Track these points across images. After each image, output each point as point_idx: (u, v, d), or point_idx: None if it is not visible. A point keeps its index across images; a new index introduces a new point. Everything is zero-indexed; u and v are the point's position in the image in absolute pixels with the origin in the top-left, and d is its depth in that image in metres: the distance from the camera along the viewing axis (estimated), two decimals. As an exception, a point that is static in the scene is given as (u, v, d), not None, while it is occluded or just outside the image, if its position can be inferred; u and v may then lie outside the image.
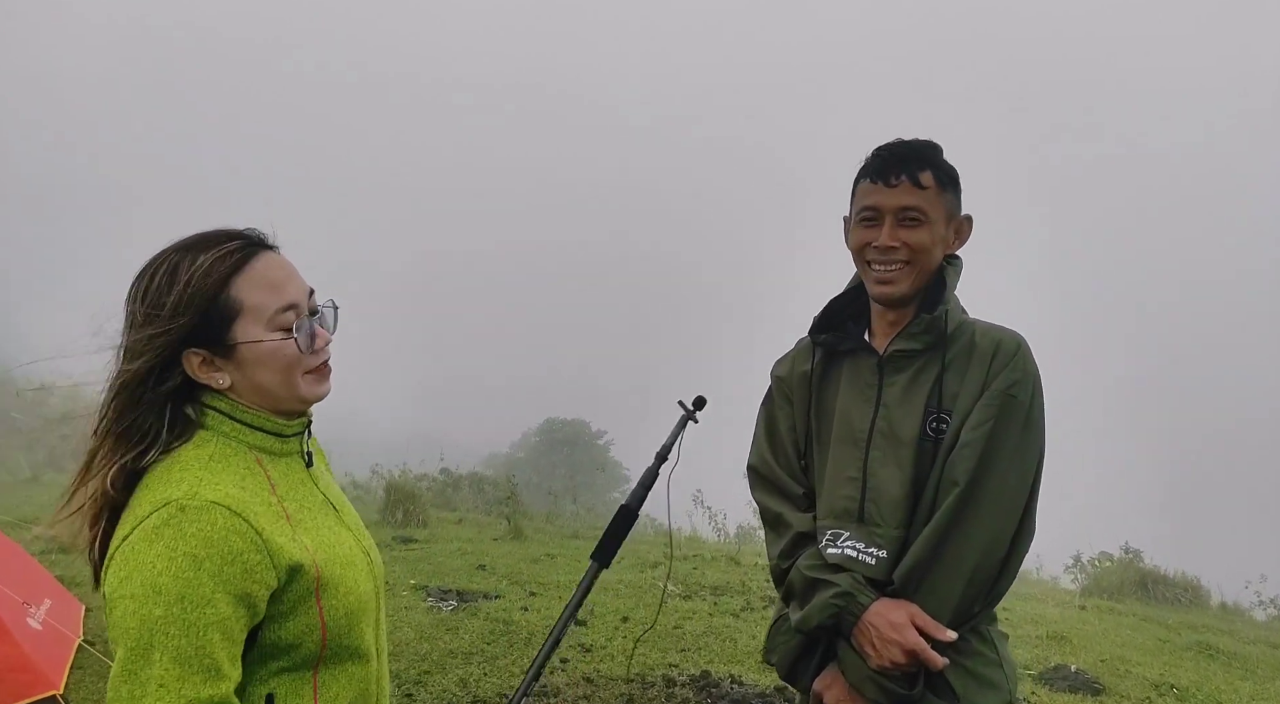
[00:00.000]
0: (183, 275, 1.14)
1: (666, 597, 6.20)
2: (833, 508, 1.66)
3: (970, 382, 1.60)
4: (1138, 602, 8.36)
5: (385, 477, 11.66)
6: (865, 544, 1.61)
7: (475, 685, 4.14)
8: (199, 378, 1.17)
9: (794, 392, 1.80)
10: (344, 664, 1.23)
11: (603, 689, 4.19)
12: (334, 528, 1.27)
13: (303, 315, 1.21)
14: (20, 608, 3.78)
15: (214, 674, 1.05)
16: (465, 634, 4.94)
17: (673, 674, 4.42)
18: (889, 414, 1.64)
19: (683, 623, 5.45)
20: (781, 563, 1.69)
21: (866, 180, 1.67)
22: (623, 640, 4.98)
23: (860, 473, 1.64)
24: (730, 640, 5.11)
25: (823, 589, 1.58)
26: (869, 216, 1.65)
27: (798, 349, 1.86)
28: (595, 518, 13.02)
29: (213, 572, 1.06)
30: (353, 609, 1.22)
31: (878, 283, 1.66)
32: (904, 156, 1.63)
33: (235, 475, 1.16)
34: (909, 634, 1.49)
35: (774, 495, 1.78)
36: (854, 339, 1.73)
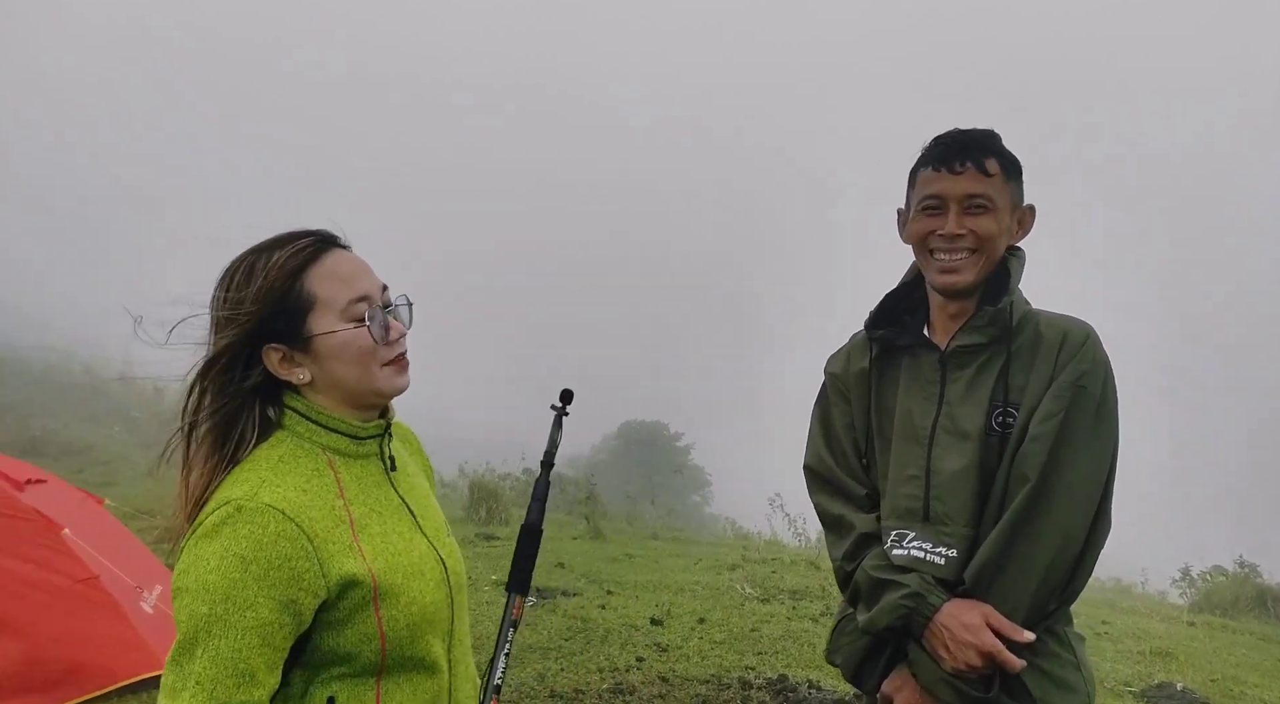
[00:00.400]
0: (259, 272, 1.17)
1: (744, 600, 6.15)
2: (896, 507, 1.62)
3: (1037, 374, 1.55)
4: (1255, 620, 7.80)
5: (470, 475, 11.98)
6: (933, 544, 1.57)
7: (552, 680, 4.21)
8: (279, 374, 1.19)
9: (851, 389, 1.75)
10: (409, 674, 1.21)
11: (678, 689, 4.19)
12: (405, 534, 1.25)
13: (375, 307, 1.22)
14: (134, 592, 4.07)
15: (248, 680, 1.06)
16: (543, 630, 5.03)
17: (749, 677, 4.38)
18: (952, 410, 1.60)
19: (760, 626, 5.40)
20: (845, 565, 1.66)
21: (928, 168, 1.62)
22: (699, 641, 4.97)
23: (923, 471, 1.60)
24: (809, 645, 5.03)
25: (891, 590, 1.55)
26: (932, 205, 1.60)
27: (852, 344, 1.81)
28: (674, 520, 13.05)
29: (258, 575, 1.07)
30: (415, 620, 1.19)
31: (942, 272, 1.60)
32: (968, 143, 1.59)
33: (301, 478, 1.16)
34: (985, 636, 1.45)
35: (834, 496, 1.74)
36: (912, 334, 1.68)
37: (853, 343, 1.82)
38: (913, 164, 1.68)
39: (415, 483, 1.36)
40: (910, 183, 1.69)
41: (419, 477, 1.39)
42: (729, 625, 5.36)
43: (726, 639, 5.06)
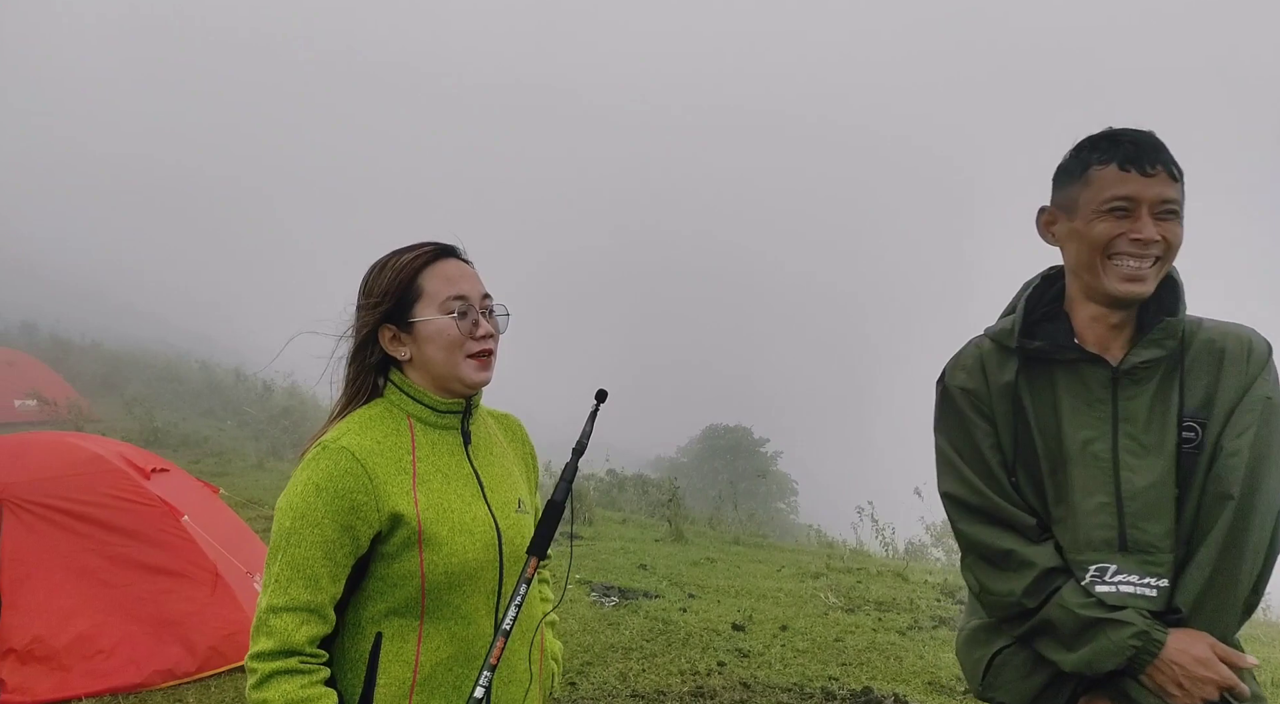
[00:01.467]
0: (388, 269, 1.44)
1: (828, 609, 6.05)
2: (1087, 539, 1.51)
3: (1226, 386, 1.48)
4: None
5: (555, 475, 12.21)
6: (1139, 576, 1.48)
7: (634, 680, 4.26)
8: (388, 349, 1.44)
9: (994, 406, 1.60)
10: (447, 622, 1.38)
11: (759, 695, 4.17)
12: (466, 498, 1.43)
13: (470, 306, 1.44)
14: (245, 577, 4.34)
15: (314, 584, 1.29)
16: (625, 630, 5.08)
17: (832, 687, 4.32)
18: (1134, 430, 1.50)
19: (844, 636, 5.30)
20: (1027, 602, 1.53)
21: (1109, 166, 1.49)
22: (781, 649, 4.93)
23: (1113, 497, 1.49)
24: (895, 659, 4.91)
25: (1109, 629, 1.45)
26: (1123, 207, 1.47)
27: (982, 354, 1.65)
28: (756, 525, 12.92)
29: (327, 501, 1.31)
30: (455, 571, 1.37)
31: (1126, 280, 1.49)
32: (1154, 144, 1.48)
33: (380, 432, 1.40)
34: (1220, 669, 1.40)
35: (993, 526, 1.58)
36: (1075, 348, 1.56)
37: (981, 352, 1.65)
38: (1067, 161, 1.57)
39: (497, 461, 1.54)
40: (1072, 181, 1.55)
41: (507, 458, 1.58)
42: (812, 634, 5.29)
43: (809, 648, 5.00)
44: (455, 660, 1.38)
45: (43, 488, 4.05)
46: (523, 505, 1.54)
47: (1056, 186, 1.60)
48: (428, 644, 1.36)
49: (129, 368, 20.87)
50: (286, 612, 1.27)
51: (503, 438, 1.61)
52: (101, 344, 22.81)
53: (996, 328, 1.65)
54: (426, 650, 1.36)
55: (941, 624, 5.86)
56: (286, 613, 1.27)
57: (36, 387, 13.99)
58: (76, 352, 21.33)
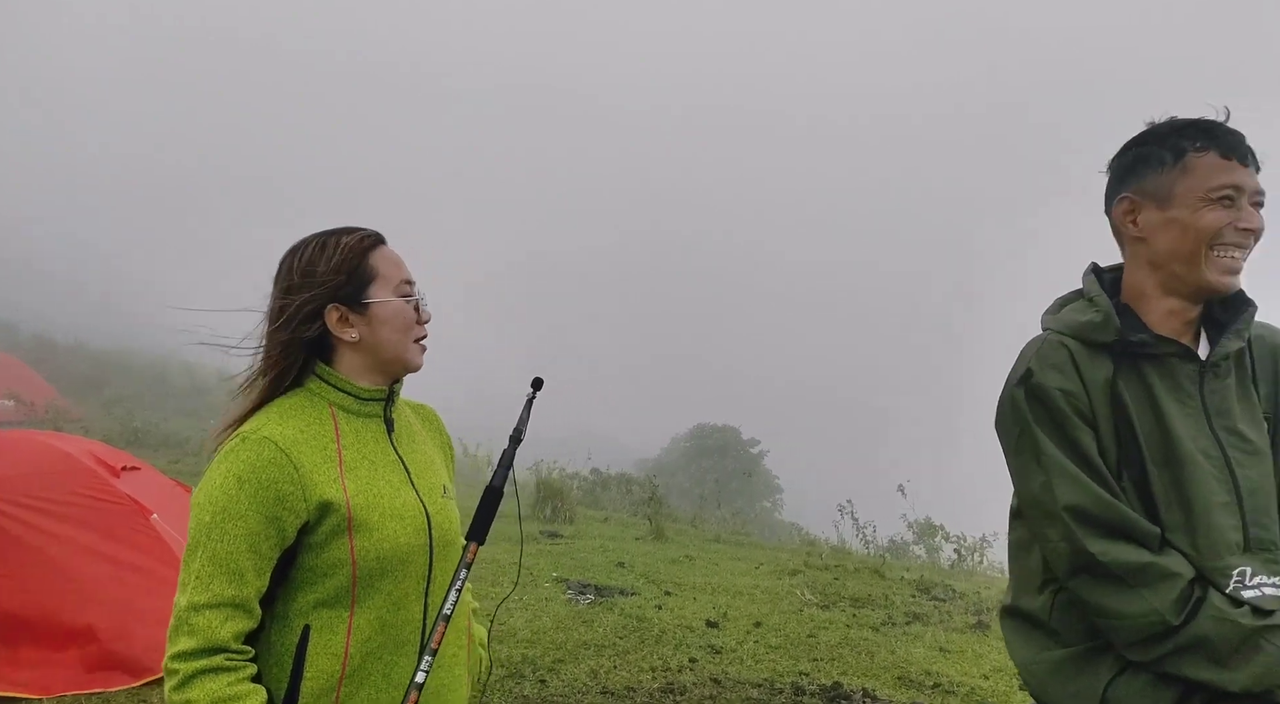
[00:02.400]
0: (331, 248, 1.43)
1: (803, 605, 6.09)
2: (1223, 541, 1.44)
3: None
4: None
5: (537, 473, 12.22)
6: (1268, 576, 1.44)
7: (605, 677, 4.27)
8: (334, 330, 1.42)
9: (1096, 407, 1.48)
10: (379, 609, 1.37)
11: (729, 691, 4.19)
12: (394, 484, 1.44)
13: (418, 292, 1.49)
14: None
15: (238, 578, 1.27)
16: (599, 627, 5.10)
17: (802, 683, 4.35)
18: (1229, 424, 1.47)
19: (817, 632, 5.33)
20: (1172, 619, 1.39)
21: (1211, 154, 1.45)
22: (753, 645, 4.95)
23: (1233, 496, 1.45)
24: (867, 654, 4.95)
25: (1275, 636, 1.37)
26: (1230, 197, 1.44)
27: (1072, 349, 1.53)
28: (740, 523, 12.96)
29: (250, 493, 1.29)
30: (386, 555, 1.37)
31: (1226, 273, 1.46)
32: (1241, 136, 1.46)
33: (302, 421, 1.39)
34: None
35: (1126, 541, 1.45)
36: (1169, 341, 1.49)
37: (1070, 346, 1.53)
38: (1146, 149, 1.52)
39: (420, 448, 1.56)
40: (1163, 168, 1.49)
41: (428, 445, 1.61)
42: (785, 630, 5.32)
43: (782, 644, 5.03)
44: (385, 648, 1.38)
45: (10, 486, 4.03)
46: (447, 492, 1.55)
47: (1133, 175, 1.52)
48: (357, 635, 1.35)
49: (112, 368, 20.74)
50: (209, 608, 1.24)
51: (421, 427, 1.62)
52: (86, 344, 22.65)
53: (1079, 323, 1.53)
54: (356, 641, 1.35)
55: (915, 620, 5.91)
56: (209, 610, 1.24)
57: (15, 387, 13.88)
58: (60, 351, 21.17)
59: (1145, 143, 1.52)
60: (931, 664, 4.83)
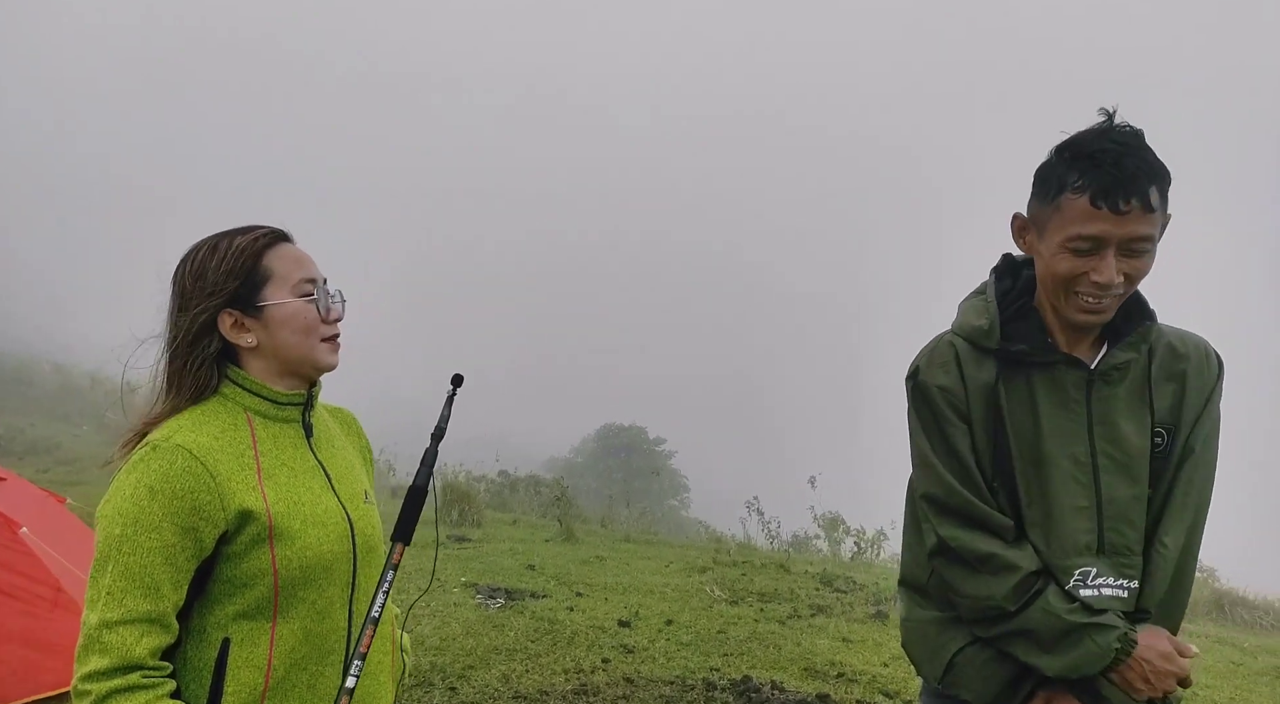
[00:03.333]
0: (221, 251, 1.35)
1: (712, 602, 6.19)
2: (1073, 543, 1.51)
3: (1193, 392, 1.52)
4: (1213, 623, 7.95)
5: (442, 476, 11.95)
6: (1114, 578, 1.51)
7: (517, 681, 4.22)
8: (229, 337, 1.35)
9: (972, 406, 1.56)
10: (301, 619, 1.33)
11: (642, 690, 4.21)
12: (315, 490, 1.39)
13: (323, 290, 1.41)
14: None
15: (154, 592, 1.21)
16: (510, 631, 5.03)
17: (714, 678, 4.42)
18: (1109, 433, 1.51)
19: (727, 628, 5.43)
20: (1008, 605, 1.51)
21: (1083, 199, 1.40)
22: (665, 643, 5.00)
23: (1092, 501, 1.51)
24: (774, 647, 5.07)
25: (1095, 634, 1.46)
26: (1084, 248, 1.42)
27: (957, 352, 1.59)
28: (649, 522, 13.05)
29: (163, 503, 1.22)
30: (309, 563, 1.32)
31: (1083, 312, 1.48)
32: (1134, 173, 1.37)
33: (217, 428, 1.33)
34: (1181, 662, 1.45)
35: (975, 530, 1.55)
36: (1054, 351, 1.53)
37: (958, 348, 1.60)
38: (1047, 167, 1.48)
39: (340, 453, 1.51)
40: (1045, 199, 1.48)
41: (348, 450, 1.55)
42: (696, 627, 5.40)
43: (693, 641, 5.09)
44: (309, 659, 1.34)
45: None
46: (369, 497, 1.51)
47: (1032, 193, 1.52)
48: (281, 645, 1.30)
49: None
50: (123, 625, 1.18)
51: (340, 431, 1.58)
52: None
53: (970, 327, 1.59)
54: (280, 652, 1.30)
55: (819, 612, 6.11)
56: (123, 626, 1.18)
57: None
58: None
59: (1048, 164, 1.49)
60: (835, 654, 5.00)
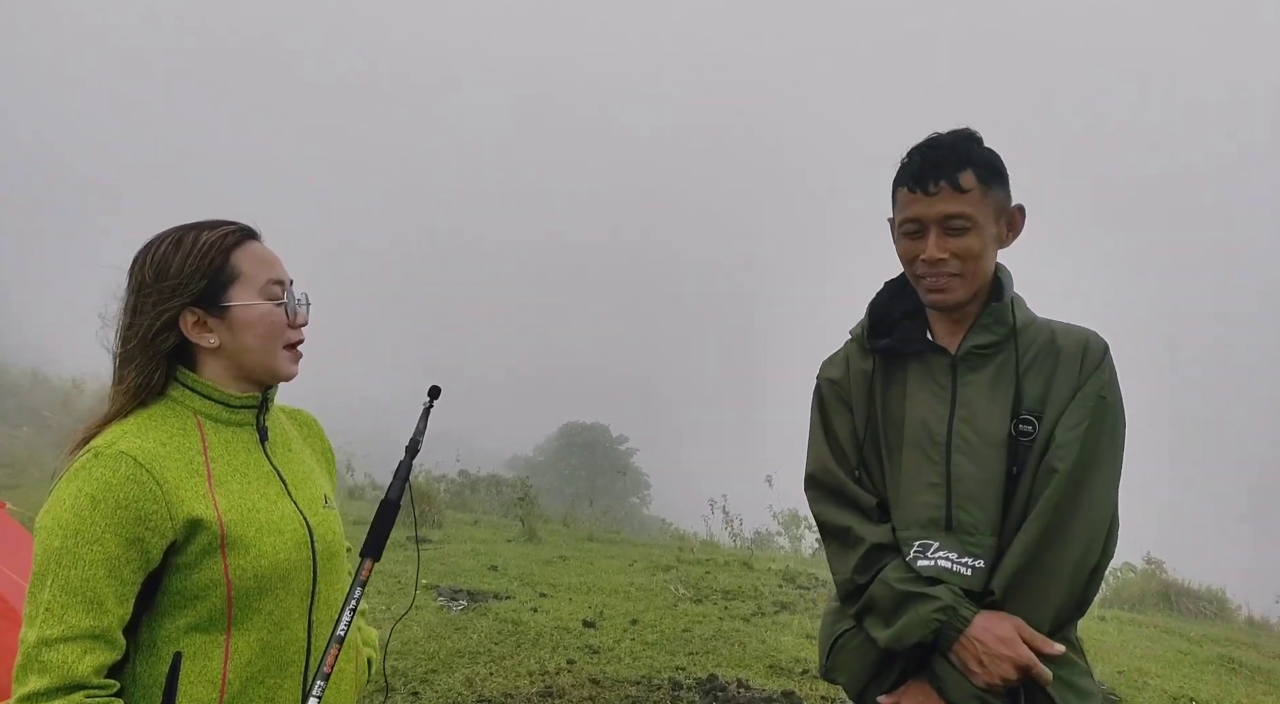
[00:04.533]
0: (187, 245, 1.28)
1: (677, 600, 6.18)
2: (916, 517, 1.55)
3: (1060, 382, 1.54)
4: (1160, 613, 8.20)
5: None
6: (958, 554, 1.51)
7: (481, 685, 4.15)
8: (190, 336, 1.29)
9: (852, 394, 1.69)
10: (258, 631, 1.27)
11: (608, 691, 4.18)
12: (270, 496, 1.33)
13: (290, 293, 1.36)
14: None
15: (97, 607, 1.14)
16: (473, 634, 4.96)
17: (679, 677, 4.40)
18: (969, 415, 1.56)
19: (692, 626, 5.43)
20: (857, 578, 1.57)
21: (904, 187, 1.56)
22: (630, 643, 4.97)
23: (943, 479, 1.54)
24: (739, 645, 5.08)
25: (920, 603, 1.48)
26: (912, 229, 1.56)
27: (849, 349, 1.74)
28: (611, 521, 13.03)
29: (106, 513, 1.16)
30: (265, 573, 1.27)
31: (930, 292, 1.58)
32: (939, 159, 1.52)
33: (164, 434, 1.26)
34: (1020, 649, 1.42)
35: (840, 507, 1.65)
36: (920, 340, 1.63)
37: (847, 349, 1.75)
38: (894, 174, 1.62)
39: (297, 457, 1.45)
40: (893, 196, 1.62)
41: (305, 454, 1.49)
42: (661, 626, 5.38)
43: (658, 640, 5.08)
44: (267, 672, 1.28)
45: None
46: (329, 502, 1.46)
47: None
48: (236, 659, 1.25)
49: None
50: (64, 642, 1.12)
51: (297, 434, 1.52)
52: None
53: (855, 332, 1.73)
54: (235, 666, 1.24)
55: (783, 609, 6.14)
56: (64, 644, 1.12)
57: None
58: None
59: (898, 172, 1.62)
60: (800, 651, 5.03)
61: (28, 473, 10.70)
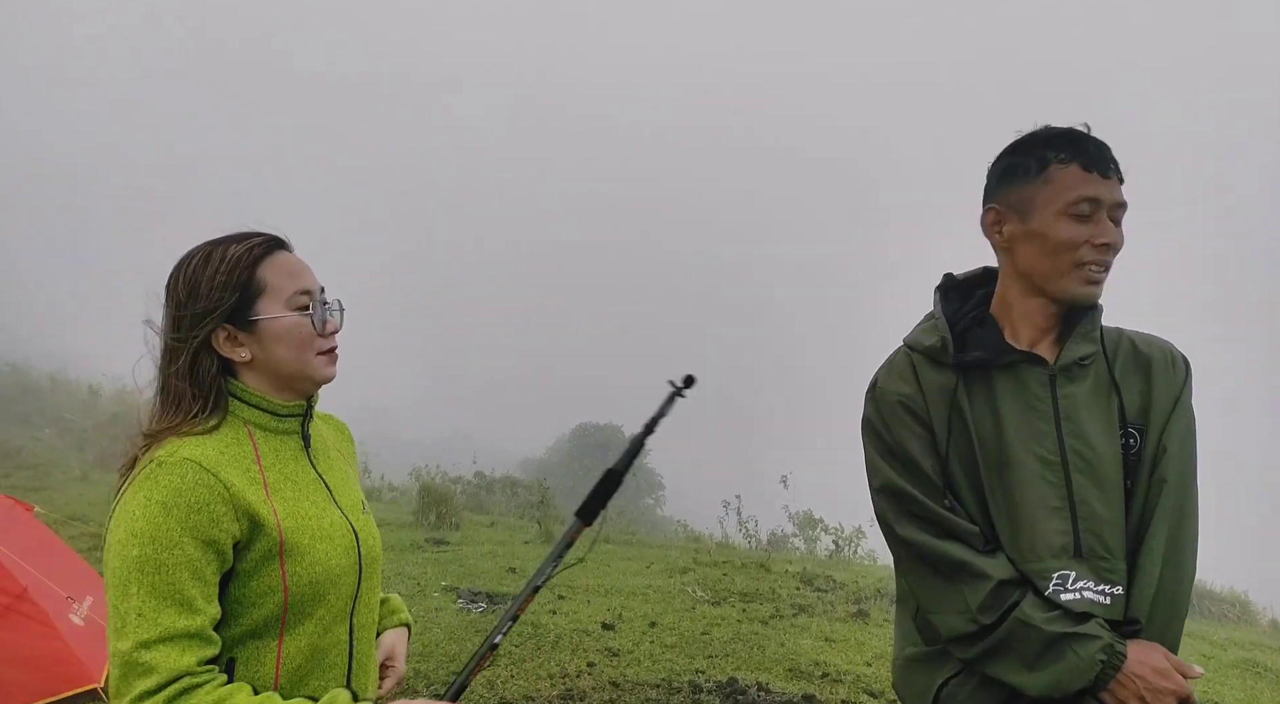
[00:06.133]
0: (215, 261, 1.29)
1: (695, 603, 6.18)
2: (1047, 545, 1.43)
3: (1159, 392, 1.49)
4: (1183, 617, 8.11)
5: (421, 478, 11.82)
6: (1095, 582, 1.43)
7: (503, 687, 4.17)
8: (222, 351, 1.30)
9: (932, 411, 1.53)
10: (309, 635, 1.30)
11: (629, 694, 4.19)
12: (319, 503, 1.36)
13: (317, 301, 1.36)
14: (64, 603, 3.90)
15: (188, 608, 1.16)
16: (493, 636, 4.97)
17: (699, 680, 4.41)
18: (1078, 431, 1.46)
19: (710, 629, 5.43)
20: (982, 618, 1.42)
21: (1074, 166, 1.44)
22: (650, 645, 4.98)
23: (1065, 502, 1.44)
24: (758, 648, 5.08)
25: (1078, 644, 1.37)
26: (1087, 211, 1.44)
27: (915, 361, 1.59)
28: (627, 523, 13.04)
29: (180, 518, 1.17)
30: (319, 579, 1.29)
31: (1087, 283, 1.46)
32: (1107, 148, 1.46)
33: (220, 443, 1.27)
34: (1177, 679, 1.36)
35: (942, 538, 1.48)
36: (1014, 351, 1.51)
37: (914, 358, 1.60)
38: (1016, 158, 1.51)
39: (335, 464, 1.47)
40: (1027, 179, 1.49)
41: (339, 459, 1.52)
42: (680, 629, 5.38)
43: (677, 643, 5.08)
44: (312, 674, 1.31)
45: None
46: (366, 507, 1.49)
47: (1002, 184, 1.53)
48: (287, 663, 1.28)
49: (-78, 371, 18.39)
50: (161, 643, 1.13)
51: (332, 439, 1.55)
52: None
53: (924, 346, 1.58)
54: (286, 670, 1.27)
55: (801, 611, 6.13)
56: (162, 645, 1.13)
57: None
58: None
59: (1014, 152, 1.52)
60: (819, 654, 5.02)
61: (52, 475, 10.83)
